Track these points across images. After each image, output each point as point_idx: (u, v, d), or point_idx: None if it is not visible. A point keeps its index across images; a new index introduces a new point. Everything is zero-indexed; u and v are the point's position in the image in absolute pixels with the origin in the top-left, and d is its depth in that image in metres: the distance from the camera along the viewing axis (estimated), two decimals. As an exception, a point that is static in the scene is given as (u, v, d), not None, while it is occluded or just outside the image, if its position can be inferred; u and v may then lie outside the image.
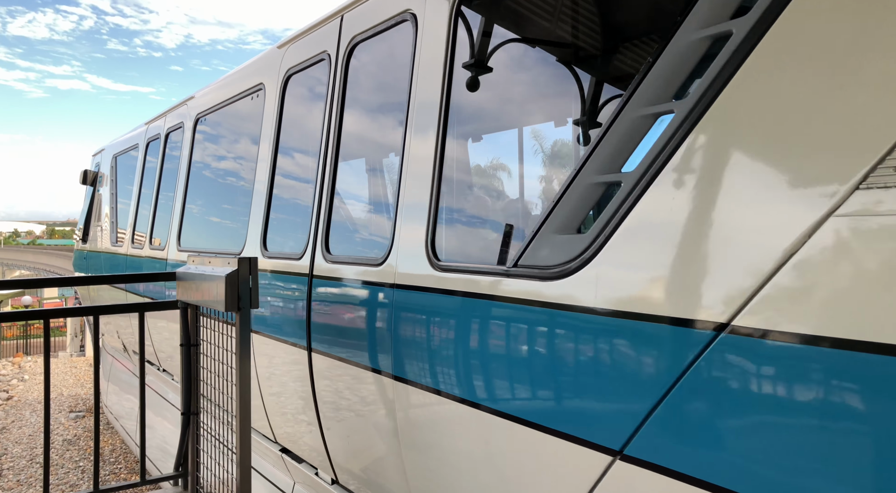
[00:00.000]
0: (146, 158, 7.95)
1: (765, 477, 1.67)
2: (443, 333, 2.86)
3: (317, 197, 3.96)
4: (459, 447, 2.76)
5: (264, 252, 4.49)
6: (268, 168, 4.68)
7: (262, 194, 4.70)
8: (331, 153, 3.92)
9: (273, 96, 4.76)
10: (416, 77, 3.25)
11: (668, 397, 1.87)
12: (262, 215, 4.65)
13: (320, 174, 3.97)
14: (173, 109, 7.15)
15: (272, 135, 4.69)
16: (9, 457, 10.84)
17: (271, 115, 4.74)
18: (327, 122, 4.00)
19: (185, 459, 3.96)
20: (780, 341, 1.62)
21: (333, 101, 3.98)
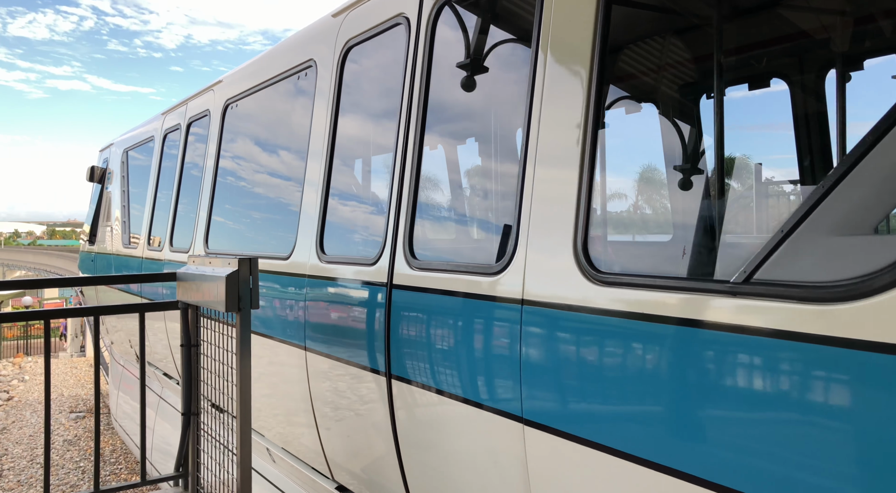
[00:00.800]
0: (163, 151, 7.22)
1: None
2: (599, 370, 2.22)
3: (395, 191, 3.28)
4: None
5: (321, 256, 3.87)
6: (323, 159, 3.99)
7: (316, 190, 4.02)
8: (414, 138, 3.23)
9: (328, 73, 4.04)
10: (544, 44, 2.52)
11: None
12: (316, 214, 3.98)
13: (399, 163, 3.29)
14: (196, 97, 6.35)
15: (327, 119, 3.99)
16: (9, 458, 10.84)
17: (326, 95, 4.04)
18: (407, 100, 3.30)
19: (185, 459, 3.96)
20: None
21: (415, 75, 3.27)
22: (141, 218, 7.66)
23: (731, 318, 1.78)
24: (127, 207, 8.59)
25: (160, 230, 6.87)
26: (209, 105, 5.87)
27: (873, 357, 1.46)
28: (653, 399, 2.00)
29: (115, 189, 9.23)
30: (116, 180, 9.25)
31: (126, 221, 8.52)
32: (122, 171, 9.00)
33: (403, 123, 3.31)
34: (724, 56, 3.51)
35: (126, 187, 8.80)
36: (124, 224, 8.58)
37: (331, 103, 3.99)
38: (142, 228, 7.48)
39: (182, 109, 6.67)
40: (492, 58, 3.13)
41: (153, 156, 7.47)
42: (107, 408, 13.47)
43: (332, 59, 3.99)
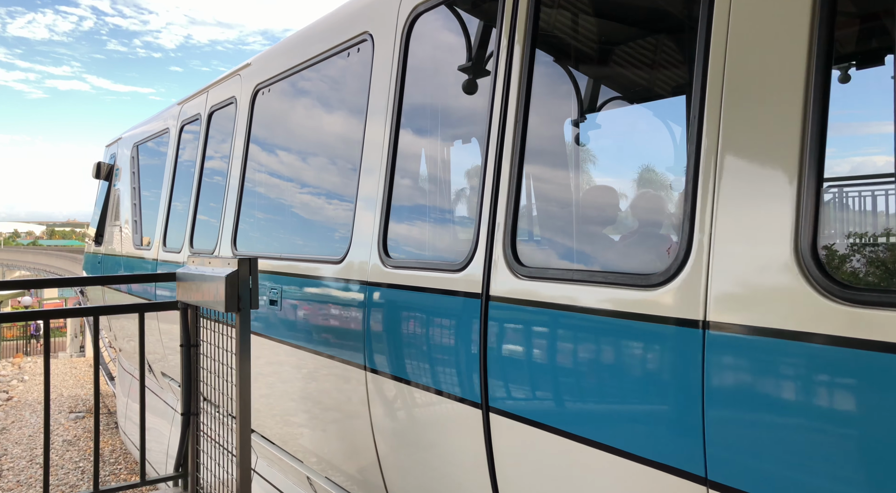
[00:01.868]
0: (180, 144, 6.58)
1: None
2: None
3: (491, 182, 2.72)
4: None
5: (384, 259, 3.29)
6: (384, 147, 3.42)
7: (376, 182, 3.44)
8: (514, 123, 2.67)
9: (388, 48, 3.47)
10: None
11: None
12: (377, 211, 3.40)
13: (495, 149, 2.73)
14: (219, 83, 5.72)
15: (389, 101, 3.42)
16: (9, 458, 10.84)
17: (386, 73, 3.47)
18: (504, 75, 2.71)
19: (184, 459, 3.96)
20: None
21: (514, 44, 2.71)
22: (154, 217, 7.04)
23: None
24: (138, 205, 7.98)
25: (177, 230, 6.30)
26: (235, 92, 5.26)
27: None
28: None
29: (124, 186, 8.62)
30: (125, 177, 8.65)
31: (137, 220, 7.92)
32: (132, 167, 8.40)
33: (500, 102, 2.71)
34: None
35: (137, 184, 8.19)
36: (135, 224, 7.96)
37: (393, 82, 3.40)
38: (156, 229, 6.88)
39: (202, 98, 6.05)
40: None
41: (168, 149, 6.83)
42: (106, 408, 13.48)
43: (394, 31, 3.40)
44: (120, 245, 8.51)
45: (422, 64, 3.40)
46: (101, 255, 9.61)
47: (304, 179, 4.54)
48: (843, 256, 1.97)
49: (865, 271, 1.97)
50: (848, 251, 2.03)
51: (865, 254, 2.24)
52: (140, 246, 7.53)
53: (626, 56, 3.32)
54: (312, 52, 4.23)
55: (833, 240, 1.91)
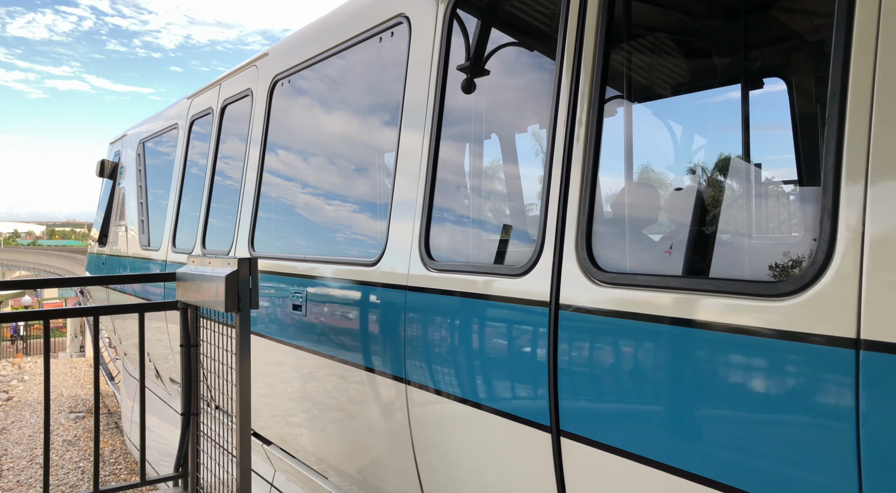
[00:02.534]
0: (190, 140, 6.26)
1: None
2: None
3: (560, 177, 2.40)
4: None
5: (427, 262, 2.97)
6: (425, 139, 3.09)
7: (415, 178, 3.11)
8: (589, 107, 2.34)
9: (427, 31, 3.15)
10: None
11: None
12: (417, 209, 3.09)
13: (565, 140, 2.40)
14: (232, 75, 5.40)
15: (430, 88, 3.10)
16: (9, 458, 10.84)
17: (425, 59, 3.16)
18: (574, 62, 2.40)
19: (184, 459, 3.96)
20: None
21: (584, 28, 2.37)
22: (162, 217, 6.72)
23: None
24: (145, 204, 7.65)
25: (188, 230, 5.98)
26: (251, 84, 4.95)
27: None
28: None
29: (130, 185, 8.28)
30: (131, 175, 8.30)
31: (144, 219, 7.56)
32: (138, 164, 8.06)
33: (569, 88, 2.40)
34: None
35: (143, 182, 7.84)
36: (142, 223, 7.59)
37: (434, 68, 3.09)
38: (165, 228, 6.55)
39: (214, 91, 5.72)
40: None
41: (177, 146, 6.51)
42: (106, 408, 13.48)
43: (434, 11, 3.11)
44: (125, 246, 8.16)
45: (471, 41, 3.03)
46: (105, 256, 9.24)
47: (329, 176, 4.23)
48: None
49: None
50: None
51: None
52: (147, 247, 7.21)
53: (714, 44, 2.97)
54: (338, 39, 3.88)
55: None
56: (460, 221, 3.15)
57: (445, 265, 2.90)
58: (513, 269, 2.55)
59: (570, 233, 2.34)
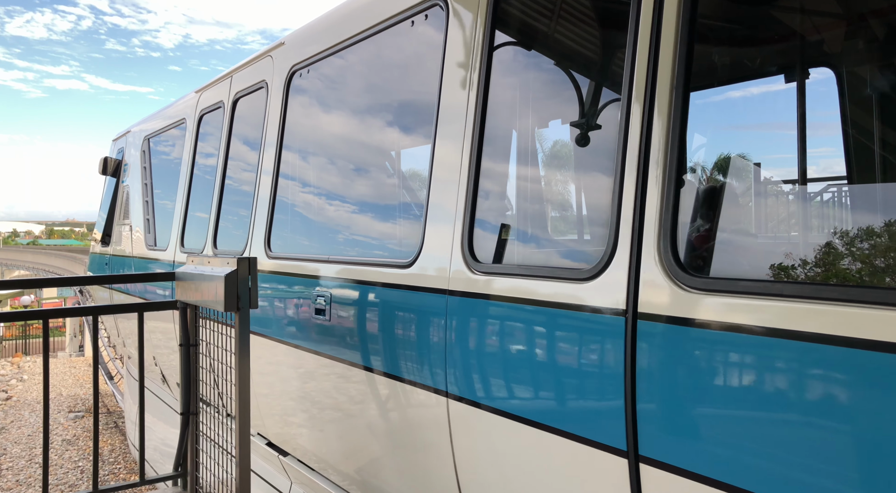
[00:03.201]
0: (199, 135, 5.99)
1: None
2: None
3: (639, 171, 2.12)
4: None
5: (471, 263, 2.70)
6: (466, 128, 2.82)
7: (455, 170, 2.84)
8: (672, 89, 2.05)
9: (468, 13, 2.88)
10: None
11: None
12: (458, 204, 2.80)
13: (642, 123, 2.13)
14: (245, 67, 5.14)
15: (471, 74, 2.83)
16: (8, 457, 10.83)
17: (464, 44, 2.87)
18: (652, 50, 2.13)
19: (184, 459, 3.96)
20: None
21: (662, 6, 2.11)
22: (169, 215, 6.45)
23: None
24: (150, 202, 7.36)
25: (198, 230, 5.71)
26: (265, 75, 4.69)
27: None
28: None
29: (134, 183, 7.99)
30: (136, 172, 8.01)
31: (150, 218, 7.31)
32: (143, 161, 7.74)
33: (645, 73, 2.13)
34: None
35: (149, 180, 7.55)
36: (147, 222, 7.34)
37: (477, 53, 2.80)
38: (172, 228, 6.26)
39: (225, 84, 5.45)
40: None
41: (185, 141, 6.23)
42: (105, 408, 13.48)
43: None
44: (130, 246, 7.84)
45: (520, 27, 2.75)
46: (108, 256, 8.89)
47: (353, 172, 3.99)
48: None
49: None
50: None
51: None
52: (154, 247, 6.91)
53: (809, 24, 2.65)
54: (363, 25, 3.61)
55: None
56: (509, 219, 2.87)
57: (494, 268, 2.62)
58: (578, 272, 2.26)
59: (649, 231, 2.04)
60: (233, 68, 5.38)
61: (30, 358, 23.32)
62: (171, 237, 6.25)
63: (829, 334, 1.60)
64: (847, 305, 1.59)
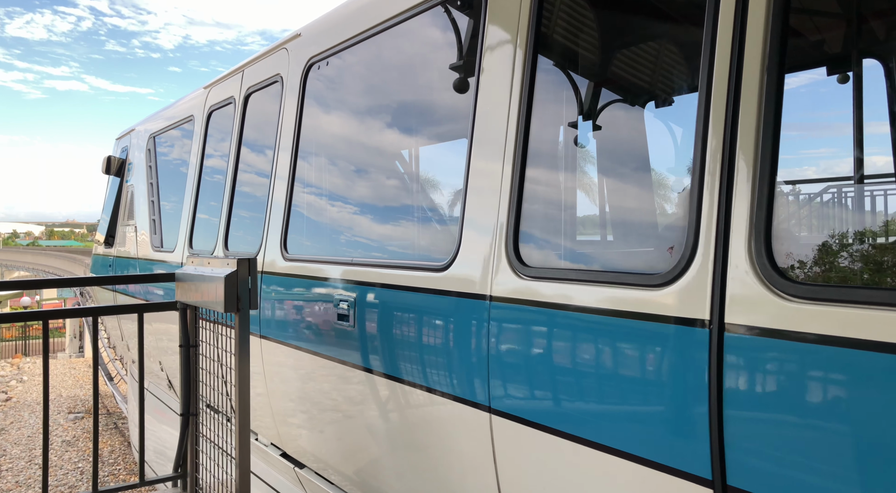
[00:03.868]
0: (208, 132, 5.79)
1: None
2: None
3: (719, 154, 1.90)
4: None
5: (517, 266, 2.47)
6: (509, 121, 2.59)
7: (496, 164, 2.61)
8: (759, 80, 1.83)
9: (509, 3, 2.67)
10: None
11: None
12: (503, 200, 2.56)
13: (727, 107, 1.90)
14: (257, 61, 4.93)
15: (515, 63, 2.59)
16: (7, 458, 10.82)
17: (504, 31, 2.63)
18: (738, 26, 1.91)
19: (184, 460, 3.95)
20: None
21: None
22: (176, 215, 6.26)
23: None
24: (156, 202, 7.15)
25: (207, 230, 5.52)
26: (280, 69, 4.49)
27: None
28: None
29: (139, 182, 7.79)
30: (140, 172, 7.82)
31: (156, 219, 7.09)
32: (149, 160, 7.56)
33: (728, 56, 1.90)
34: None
35: (154, 179, 7.35)
36: (153, 223, 7.11)
37: (521, 40, 2.56)
38: (180, 229, 6.07)
39: (235, 79, 5.25)
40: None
41: (193, 139, 6.03)
42: (105, 409, 13.47)
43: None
44: (135, 247, 7.60)
45: (568, 13, 2.52)
46: (112, 257, 8.67)
47: (378, 169, 3.77)
48: None
49: None
50: None
51: None
52: (160, 248, 6.70)
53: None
54: (388, 13, 3.40)
55: None
56: (560, 218, 2.60)
57: (544, 272, 2.36)
58: (648, 278, 2.03)
59: (738, 231, 1.80)
60: (244, 62, 5.18)
61: (29, 359, 23.32)
62: (179, 239, 6.05)
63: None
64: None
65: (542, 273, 2.36)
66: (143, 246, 7.33)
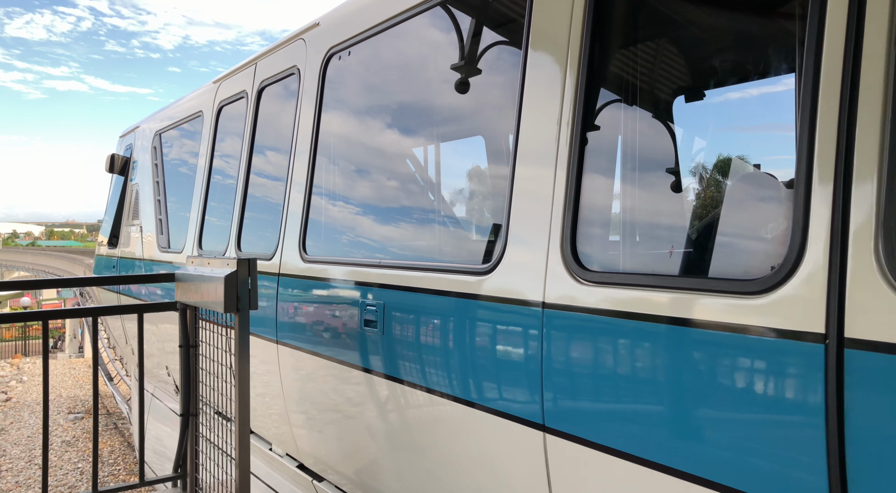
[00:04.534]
0: (217, 129, 5.54)
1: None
2: None
3: (834, 132, 1.64)
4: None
5: (575, 271, 2.20)
6: (564, 110, 2.31)
7: (549, 159, 2.34)
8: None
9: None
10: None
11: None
12: (557, 196, 2.29)
13: (845, 82, 1.63)
14: (272, 52, 4.69)
15: (569, 47, 2.32)
16: (7, 458, 10.82)
17: (557, 13, 2.39)
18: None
19: (183, 460, 3.95)
20: None
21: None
22: (184, 215, 6.03)
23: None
24: (163, 201, 6.92)
25: (217, 230, 5.28)
26: (297, 60, 4.25)
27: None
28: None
29: (144, 181, 7.57)
30: (145, 170, 7.57)
31: (162, 219, 6.86)
32: (154, 158, 7.32)
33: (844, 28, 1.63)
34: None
35: (161, 178, 7.09)
36: (160, 223, 6.89)
37: (574, 32, 2.30)
38: (189, 229, 5.82)
39: (248, 72, 5.02)
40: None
41: (202, 136, 5.78)
42: (105, 409, 13.47)
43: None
44: (140, 247, 7.34)
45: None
46: (115, 258, 8.39)
47: (407, 165, 3.55)
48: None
49: None
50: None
51: None
52: (167, 249, 6.44)
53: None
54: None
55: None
56: (626, 217, 2.34)
57: (611, 277, 2.11)
58: (742, 285, 1.76)
59: (862, 231, 1.53)
60: (257, 55, 4.93)
61: (29, 359, 23.30)
62: (188, 239, 5.76)
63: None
64: None
65: (607, 278, 2.10)
66: (148, 247, 7.10)
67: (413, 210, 3.45)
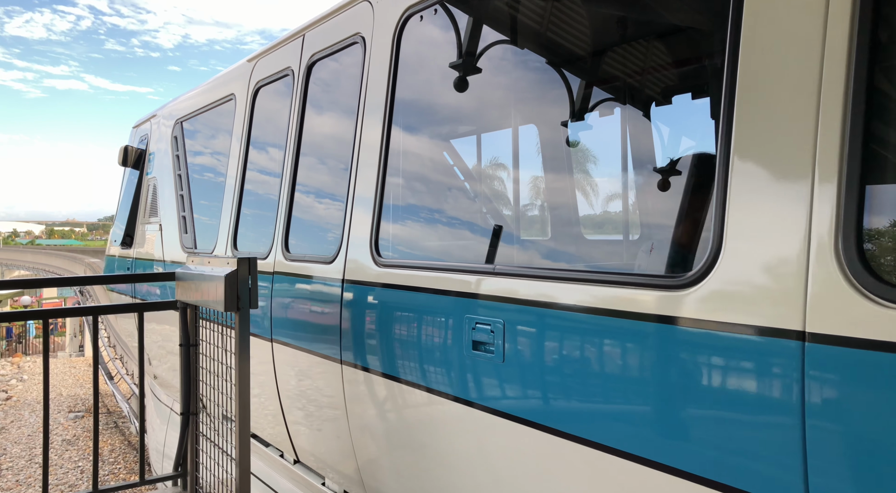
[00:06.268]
0: (254, 113, 4.80)
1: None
2: None
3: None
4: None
5: (874, 288, 1.46)
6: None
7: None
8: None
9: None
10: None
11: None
12: (835, 178, 1.54)
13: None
14: (326, 19, 3.99)
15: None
16: (8, 457, 10.83)
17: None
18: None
19: (184, 459, 3.96)
20: None
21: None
22: (212, 212, 5.39)
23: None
24: (186, 197, 6.15)
25: (258, 229, 4.53)
26: (360, 27, 3.55)
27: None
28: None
29: (164, 174, 6.81)
30: (164, 162, 6.79)
31: (186, 216, 6.08)
32: (175, 149, 6.53)
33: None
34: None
35: (184, 171, 6.29)
36: (183, 220, 6.12)
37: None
38: (220, 227, 5.11)
39: (293, 46, 4.30)
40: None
41: (235, 122, 5.05)
42: (105, 408, 13.48)
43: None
44: (160, 248, 6.55)
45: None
46: (130, 259, 7.54)
47: (526, 143, 2.90)
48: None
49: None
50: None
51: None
52: (193, 249, 5.69)
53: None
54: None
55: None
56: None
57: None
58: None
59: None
60: (304, 25, 4.23)
61: (30, 358, 23.34)
62: (220, 239, 5.04)
63: None
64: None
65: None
66: (170, 247, 6.28)
67: (538, 200, 2.58)
